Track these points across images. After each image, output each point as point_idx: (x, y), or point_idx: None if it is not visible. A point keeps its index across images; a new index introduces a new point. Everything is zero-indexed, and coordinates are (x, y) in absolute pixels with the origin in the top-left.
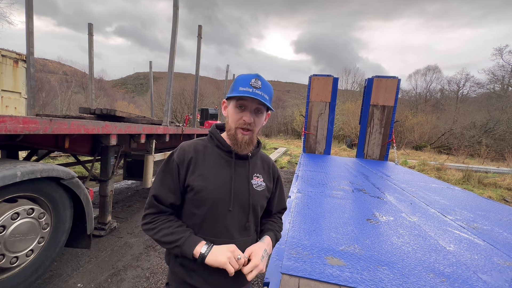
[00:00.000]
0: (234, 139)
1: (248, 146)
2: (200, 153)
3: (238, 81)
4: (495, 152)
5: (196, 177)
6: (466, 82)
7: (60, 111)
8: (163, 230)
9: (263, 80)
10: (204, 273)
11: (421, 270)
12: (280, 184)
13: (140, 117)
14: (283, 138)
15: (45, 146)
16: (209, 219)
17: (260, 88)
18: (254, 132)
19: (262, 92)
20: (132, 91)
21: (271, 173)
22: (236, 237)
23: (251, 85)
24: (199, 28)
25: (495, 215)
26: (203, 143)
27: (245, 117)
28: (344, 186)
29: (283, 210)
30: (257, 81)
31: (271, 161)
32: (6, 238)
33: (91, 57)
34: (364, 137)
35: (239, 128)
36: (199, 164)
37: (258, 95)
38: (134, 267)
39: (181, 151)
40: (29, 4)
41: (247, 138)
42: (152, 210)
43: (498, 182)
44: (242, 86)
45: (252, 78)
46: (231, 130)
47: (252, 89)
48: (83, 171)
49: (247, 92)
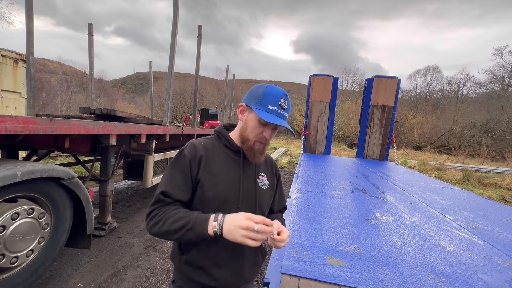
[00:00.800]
0: (251, 149)
1: (261, 156)
2: (209, 151)
3: (268, 96)
4: (495, 152)
5: (207, 174)
6: (466, 82)
7: (60, 111)
8: (170, 218)
9: (288, 99)
10: (211, 270)
11: (421, 270)
12: (280, 182)
13: (140, 117)
14: (283, 138)
15: (45, 146)
16: None
17: (286, 109)
18: (268, 145)
19: (286, 113)
20: (132, 91)
21: (274, 171)
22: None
23: (280, 105)
24: (199, 28)
25: (495, 215)
26: (211, 142)
27: (266, 133)
28: (344, 186)
29: (284, 209)
30: (285, 101)
31: (273, 160)
32: (6, 238)
33: (91, 57)
34: (364, 137)
35: (257, 141)
36: (209, 162)
37: (284, 121)
38: (134, 267)
39: (192, 147)
40: (29, 4)
41: (261, 149)
42: (158, 205)
43: (498, 182)
44: (272, 104)
45: (281, 98)
46: (249, 141)
47: (280, 110)
48: (83, 171)
49: (274, 118)
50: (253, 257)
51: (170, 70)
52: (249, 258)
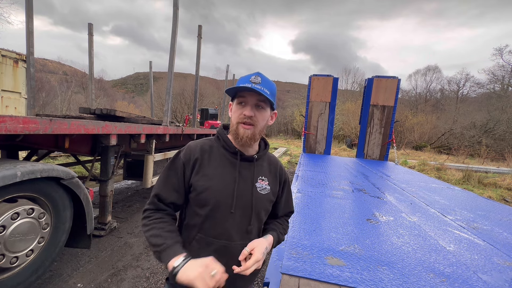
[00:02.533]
0: (236, 134)
1: (250, 141)
2: (206, 153)
3: (240, 80)
4: (495, 152)
5: (200, 177)
6: (466, 82)
7: (60, 111)
8: (153, 230)
9: (263, 77)
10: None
11: (421, 270)
12: (287, 187)
13: (140, 117)
14: (283, 138)
15: (45, 146)
16: (210, 220)
17: (260, 83)
18: (256, 127)
19: (261, 87)
20: (132, 91)
21: (277, 176)
22: (236, 240)
23: (251, 81)
24: (199, 28)
25: (495, 215)
26: (210, 143)
27: (246, 111)
28: (344, 186)
29: (290, 213)
30: (257, 77)
31: (279, 164)
32: (6, 238)
33: (91, 57)
34: (364, 137)
35: (240, 122)
36: (204, 164)
37: (257, 88)
38: (134, 267)
39: (187, 150)
40: (29, 4)
41: (249, 133)
42: (151, 206)
43: (498, 182)
44: (243, 82)
45: (252, 76)
46: (233, 126)
47: (251, 85)
48: (83, 171)
49: (245, 87)
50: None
51: (170, 70)
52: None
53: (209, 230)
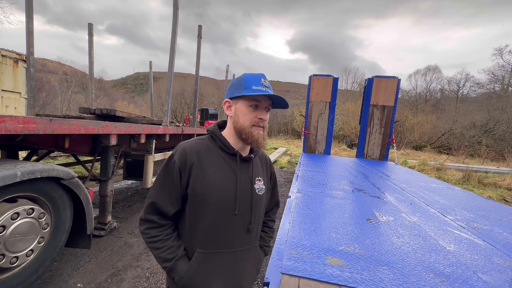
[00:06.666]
0: (251, 137)
1: (265, 140)
2: (202, 156)
3: (248, 80)
4: (495, 152)
5: (200, 182)
6: (466, 82)
7: (60, 111)
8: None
9: (267, 79)
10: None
11: (421, 270)
12: (274, 179)
13: (140, 117)
14: (283, 138)
15: (45, 146)
16: (212, 225)
17: (269, 87)
18: (266, 129)
19: (270, 91)
20: (132, 91)
21: (268, 170)
22: (237, 247)
23: (263, 84)
24: (199, 28)
25: (495, 215)
26: (204, 143)
27: (261, 115)
28: (344, 186)
29: (276, 206)
30: (266, 80)
31: (267, 157)
32: (6, 238)
33: (91, 57)
34: (364, 137)
35: (255, 125)
36: (203, 168)
37: (276, 95)
38: (134, 267)
39: (182, 153)
40: (29, 4)
41: (263, 134)
42: (149, 216)
43: (498, 182)
44: (255, 85)
45: (261, 78)
46: (245, 128)
47: (264, 88)
48: (83, 171)
49: (261, 91)
50: (251, 269)
51: (170, 70)
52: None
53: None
